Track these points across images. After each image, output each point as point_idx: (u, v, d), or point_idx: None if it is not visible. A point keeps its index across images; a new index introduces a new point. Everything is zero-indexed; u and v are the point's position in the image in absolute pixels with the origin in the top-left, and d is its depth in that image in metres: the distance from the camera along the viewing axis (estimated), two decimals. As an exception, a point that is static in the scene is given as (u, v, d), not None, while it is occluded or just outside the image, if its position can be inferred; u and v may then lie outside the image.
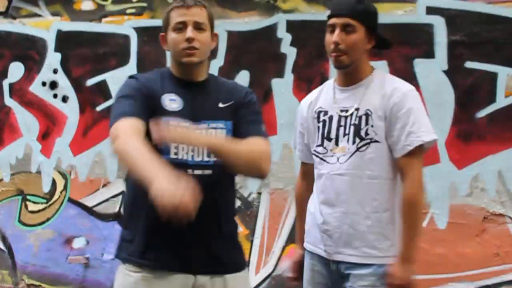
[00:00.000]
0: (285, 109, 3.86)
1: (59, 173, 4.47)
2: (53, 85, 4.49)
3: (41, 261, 4.45)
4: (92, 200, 4.38)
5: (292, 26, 3.89)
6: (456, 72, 3.54)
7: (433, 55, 3.60)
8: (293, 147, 2.58)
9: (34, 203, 4.51)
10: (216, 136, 1.98)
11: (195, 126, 1.94)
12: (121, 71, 4.31)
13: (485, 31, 3.50)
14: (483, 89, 3.52)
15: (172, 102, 1.99)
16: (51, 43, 4.50)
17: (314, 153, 2.34)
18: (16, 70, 4.59)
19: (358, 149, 2.19)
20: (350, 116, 2.22)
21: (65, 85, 4.46)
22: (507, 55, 3.47)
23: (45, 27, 4.51)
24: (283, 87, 3.86)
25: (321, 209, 2.27)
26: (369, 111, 2.19)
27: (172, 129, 1.79)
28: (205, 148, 1.91)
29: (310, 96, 2.45)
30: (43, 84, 4.51)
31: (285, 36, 3.90)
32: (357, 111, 2.21)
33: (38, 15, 4.55)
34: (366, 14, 2.22)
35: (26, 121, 4.56)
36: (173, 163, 1.91)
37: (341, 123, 2.24)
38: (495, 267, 3.44)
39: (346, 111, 2.24)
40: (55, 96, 4.48)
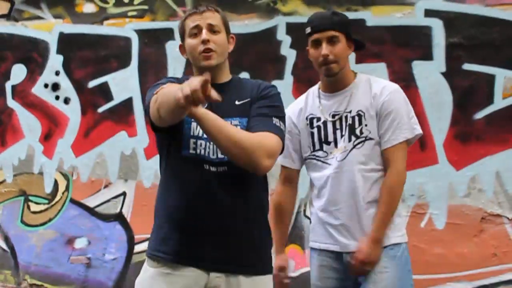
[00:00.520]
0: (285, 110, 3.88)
1: (61, 174, 4.50)
2: (55, 87, 4.53)
3: (43, 261, 4.48)
4: (93, 200, 4.40)
5: (291, 28, 3.92)
6: (454, 74, 3.57)
7: (431, 57, 3.63)
8: None
9: (36, 203, 4.54)
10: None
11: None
12: (122, 73, 4.35)
13: (482, 34, 3.53)
14: (481, 90, 3.55)
15: None
16: (53, 46, 4.53)
17: (312, 157, 2.43)
18: (18, 72, 4.63)
19: (354, 147, 2.35)
20: (344, 118, 2.37)
21: (67, 87, 4.50)
22: (505, 57, 3.50)
23: (48, 29, 4.54)
24: (283, 89, 3.85)
25: (328, 207, 2.38)
26: (361, 111, 2.35)
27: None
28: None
29: (297, 103, 2.53)
30: (45, 86, 4.55)
31: (284, 38, 3.94)
32: (350, 113, 2.36)
33: (40, 18, 4.59)
34: (344, 24, 2.39)
35: (28, 123, 4.59)
36: (191, 158, 1.96)
37: (337, 127, 2.38)
38: (492, 267, 3.46)
39: (338, 115, 2.38)
40: (57, 97, 4.52)
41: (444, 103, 3.58)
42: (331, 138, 2.38)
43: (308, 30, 2.37)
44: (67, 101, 4.49)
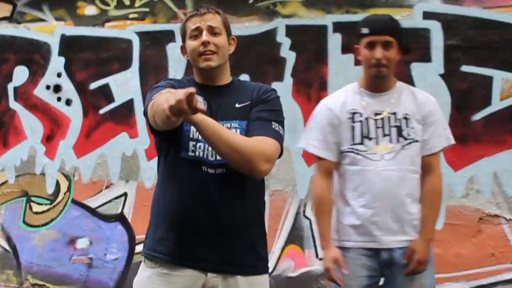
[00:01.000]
0: (285, 112, 3.86)
1: (63, 175, 4.52)
2: (57, 88, 4.54)
3: (45, 261, 4.49)
4: (95, 201, 4.42)
5: (291, 30, 3.95)
6: (452, 75, 3.60)
7: (429, 59, 3.66)
8: (303, 146, 2.62)
9: (38, 204, 4.55)
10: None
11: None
12: (123, 74, 4.37)
13: (480, 36, 3.56)
14: (478, 92, 3.58)
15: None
16: (55, 48, 4.55)
17: (351, 150, 2.50)
18: (20, 74, 4.64)
19: (402, 148, 2.47)
20: (388, 119, 2.49)
21: (68, 89, 4.51)
22: (502, 59, 3.53)
23: (49, 31, 4.56)
24: (282, 91, 3.89)
25: (371, 203, 2.45)
26: (407, 115, 2.49)
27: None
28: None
29: (338, 96, 2.59)
30: (47, 87, 4.56)
31: (284, 40, 3.96)
32: (395, 115, 2.49)
33: (42, 20, 4.60)
34: (399, 30, 2.50)
35: (30, 124, 4.61)
36: (190, 160, 1.98)
37: (378, 125, 2.49)
38: (490, 267, 3.50)
39: (380, 114, 2.50)
40: (59, 99, 4.53)
41: (442, 105, 3.54)
42: (372, 134, 2.48)
43: (365, 31, 2.45)
44: (68, 102, 4.51)
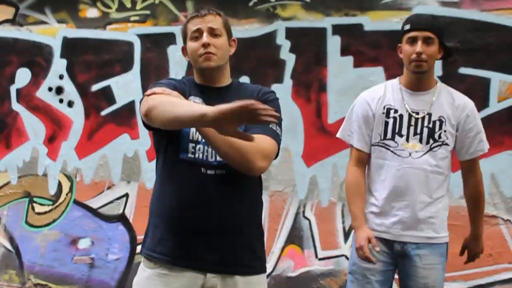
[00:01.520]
0: (284, 113, 3.85)
1: (65, 175, 4.54)
2: (59, 90, 4.56)
3: (47, 261, 4.51)
4: (97, 202, 4.44)
5: (291, 33, 3.97)
6: (450, 77, 3.60)
7: (428, 61, 3.68)
8: (340, 136, 2.75)
9: (40, 205, 4.57)
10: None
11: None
12: (125, 77, 4.40)
13: (478, 38, 3.59)
14: (476, 94, 3.57)
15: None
16: (57, 50, 4.57)
17: (381, 144, 2.60)
18: (23, 76, 4.66)
19: (431, 149, 2.55)
20: (421, 119, 2.56)
21: (70, 91, 4.54)
22: (500, 61, 3.55)
23: (52, 34, 4.58)
24: (282, 92, 3.91)
25: (391, 196, 2.56)
26: (442, 118, 2.56)
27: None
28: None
29: (375, 91, 2.68)
30: (50, 89, 4.59)
31: (284, 42, 3.98)
32: (430, 116, 2.56)
33: (44, 23, 4.62)
34: (440, 29, 2.60)
35: (33, 126, 4.63)
36: (189, 161, 1.99)
37: (411, 123, 2.57)
38: (488, 267, 3.52)
39: (416, 113, 2.57)
40: (61, 101, 4.56)
41: (440, 106, 3.62)
42: (404, 132, 2.55)
43: (407, 27, 2.55)
44: (70, 104, 4.53)
